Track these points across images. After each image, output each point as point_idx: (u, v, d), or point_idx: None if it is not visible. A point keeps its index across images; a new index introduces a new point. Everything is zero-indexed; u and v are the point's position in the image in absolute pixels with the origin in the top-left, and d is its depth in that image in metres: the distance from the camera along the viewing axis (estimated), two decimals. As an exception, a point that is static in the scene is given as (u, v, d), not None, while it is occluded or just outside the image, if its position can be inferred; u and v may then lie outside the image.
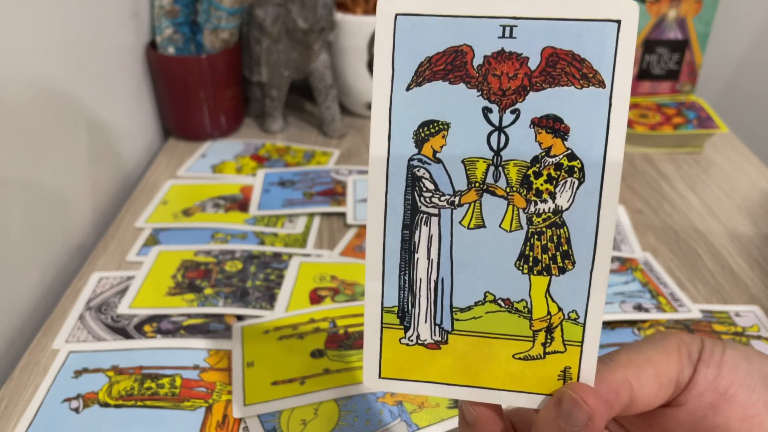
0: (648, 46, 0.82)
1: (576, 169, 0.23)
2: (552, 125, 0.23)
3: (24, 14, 0.52)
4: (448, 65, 0.23)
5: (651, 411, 0.25)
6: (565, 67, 0.23)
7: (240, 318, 0.50)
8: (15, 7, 0.50)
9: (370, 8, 0.78)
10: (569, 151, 0.23)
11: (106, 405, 0.42)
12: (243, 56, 0.79)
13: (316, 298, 0.52)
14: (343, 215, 0.63)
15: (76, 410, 0.42)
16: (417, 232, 0.25)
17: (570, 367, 0.25)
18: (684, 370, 0.25)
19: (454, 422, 0.41)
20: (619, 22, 0.22)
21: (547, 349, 0.25)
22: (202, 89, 0.75)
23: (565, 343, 0.25)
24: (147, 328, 0.49)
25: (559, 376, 0.25)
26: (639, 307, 0.50)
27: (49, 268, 0.56)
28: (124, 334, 0.49)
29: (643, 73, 0.84)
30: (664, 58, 0.82)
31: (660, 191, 0.68)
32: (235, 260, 0.56)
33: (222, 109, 0.78)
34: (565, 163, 0.23)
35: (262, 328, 0.49)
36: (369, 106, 0.82)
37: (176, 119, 0.78)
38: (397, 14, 0.23)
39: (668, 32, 0.81)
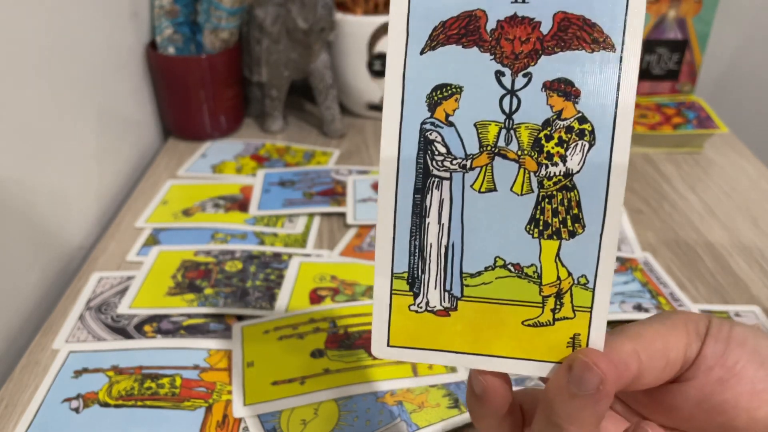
0: (648, 46, 0.82)
1: (587, 132, 0.23)
2: (563, 88, 0.23)
3: (24, 14, 0.52)
4: (461, 29, 0.24)
5: (658, 388, 0.25)
6: (577, 32, 0.23)
7: (240, 318, 0.50)
8: (15, 7, 0.50)
9: (370, 8, 0.78)
10: (580, 114, 0.23)
11: (106, 405, 0.42)
12: (243, 56, 0.79)
13: (316, 298, 0.52)
14: (343, 215, 0.63)
15: (76, 410, 0.42)
16: (428, 196, 0.25)
17: (579, 334, 0.24)
18: (692, 345, 0.24)
19: (454, 422, 0.41)
20: None
21: (557, 316, 0.25)
22: (202, 89, 0.75)
23: (575, 309, 0.24)
24: (147, 328, 0.49)
25: (568, 343, 0.25)
26: (639, 307, 0.50)
27: (49, 268, 0.56)
28: (124, 334, 0.49)
29: (643, 73, 0.83)
30: (664, 58, 0.82)
31: (660, 191, 0.68)
32: (235, 260, 0.56)
33: (222, 109, 0.78)
34: (576, 126, 0.23)
35: (262, 328, 0.49)
36: (369, 106, 0.82)
37: (176, 119, 0.78)
38: None
39: (668, 32, 0.81)
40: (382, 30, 0.75)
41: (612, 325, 0.49)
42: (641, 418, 0.27)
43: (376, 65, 0.78)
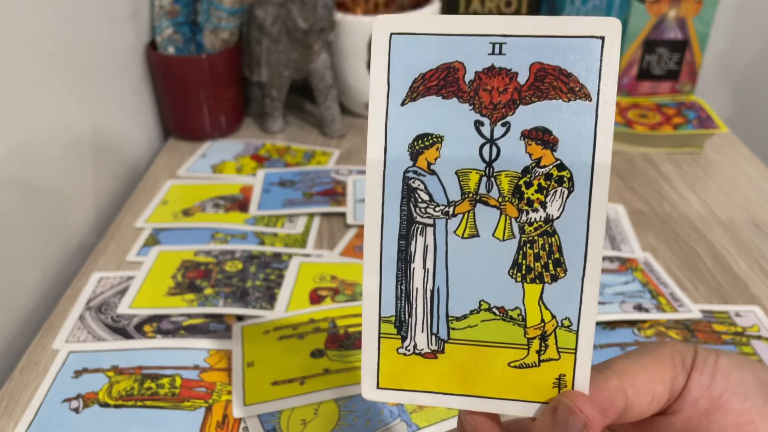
0: (648, 46, 0.82)
1: (565, 178, 0.24)
2: (541, 137, 0.24)
3: (24, 14, 0.52)
4: (441, 81, 0.24)
5: (645, 419, 0.25)
6: (553, 82, 0.24)
7: (240, 318, 0.50)
8: (15, 6, 0.50)
9: (370, 8, 0.78)
10: (558, 162, 0.24)
11: (106, 405, 0.42)
12: (243, 56, 0.79)
13: (316, 298, 0.52)
14: (343, 215, 0.63)
15: (76, 410, 0.42)
16: (413, 242, 0.25)
17: (564, 375, 0.25)
18: (678, 377, 0.25)
19: (454, 422, 0.41)
20: (603, 38, 0.23)
21: (542, 357, 0.25)
22: (202, 89, 0.75)
23: (559, 350, 0.25)
24: (147, 328, 0.49)
25: (554, 383, 0.25)
26: (639, 307, 0.50)
27: (49, 268, 0.56)
28: (124, 334, 0.49)
29: (643, 73, 0.83)
30: (664, 58, 0.82)
31: (660, 191, 0.68)
32: (235, 260, 0.56)
33: (222, 109, 0.78)
34: (555, 173, 0.24)
35: (262, 328, 0.49)
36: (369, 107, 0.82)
37: (176, 119, 0.78)
38: (392, 33, 0.24)
39: (668, 32, 0.81)
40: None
41: (613, 324, 0.49)
42: None
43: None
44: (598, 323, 0.47)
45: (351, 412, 0.42)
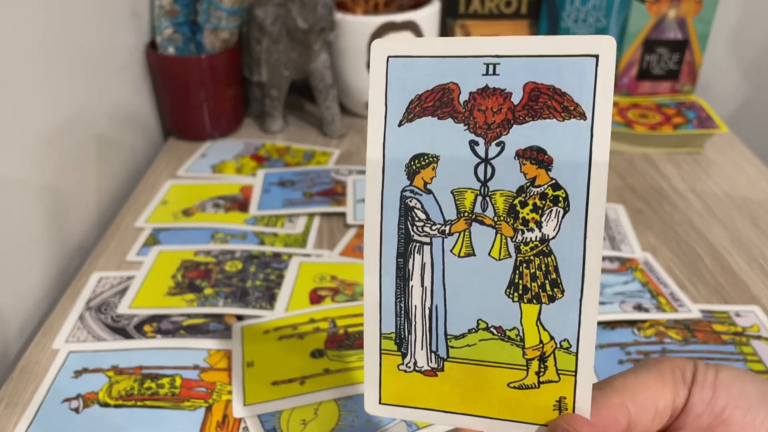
0: (648, 46, 0.82)
1: (561, 198, 0.24)
2: (536, 156, 0.24)
3: (24, 14, 0.52)
4: (436, 102, 0.25)
5: None
6: (547, 101, 0.24)
7: (240, 318, 0.50)
8: (15, 6, 0.50)
9: (370, 8, 0.78)
10: (553, 181, 0.24)
11: (106, 405, 0.42)
12: (243, 56, 0.79)
13: (316, 298, 0.52)
14: (343, 215, 0.63)
15: (76, 410, 0.42)
16: (411, 260, 0.26)
17: (565, 397, 0.25)
18: (679, 393, 0.25)
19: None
20: (597, 56, 0.23)
21: (541, 378, 0.25)
22: (202, 89, 0.75)
23: (559, 372, 0.25)
24: (147, 328, 0.49)
25: (554, 406, 0.25)
26: (639, 307, 0.50)
27: (49, 268, 0.56)
28: (124, 334, 0.49)
29: (643, 73, 0.84)
30: (664, 58, 0.82)
31: (660, 191, 0.68)
32: (235, 260, 0.56)
33: (222, 109, 0.78)
34: (550, 192, 0.24)
35: (262, 328, 0.49)
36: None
37: (176, 119, 0.78)
38: (389, 56, 0.25)
39: (668, 32, 0.81)
40: (382, 30, 0.75)
41: (613, 324, 0.49)
42: None
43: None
44: (597, 323, 0.47)
45: (351, 412, 0.42)
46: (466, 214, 0.25)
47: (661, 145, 0.76)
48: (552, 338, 0.25)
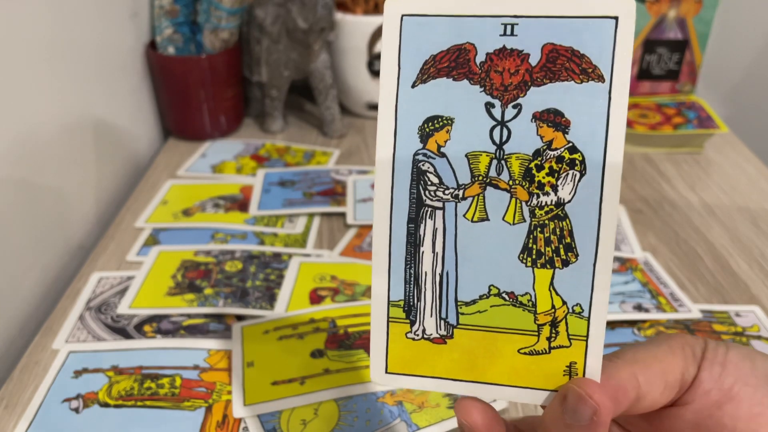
0: (648, 46, 0.82)
1: (577, 161, 0.23)
2: (553, 119, 0.23)
3: (24, 15, 0.52)
4: (451, 63, 0.24)
5: (656, 412, 0.25)
6: (565, 63, 0.23)
7: (240, 318, 0.50)
8: (15, 6, 0.50)
9: (370, 8, 0.78)
10: (570, 144, 0.23)
11: (106, 405, 0.42)
12: (243, 56, 0.79)
13: (316, 298, 0.52)
14: (343, 215, 0.63)
15: (76, 410, 0.42)
16: (422, 226, 0.25)
17: (575, 363, 0.25)
18: (689, 368, 0.24)
19: (454, 422, 0.41)
20: (616, 18, 0.23)
21: (552, 344, 0.25)
22: (202, 89, 0.75)
23: (570, 337, 0.25)
24: (147, 328, 0.49)
25: (564, 371, 0.25)
26: (639, 307, 0.50)
27: (49, 268, 0.56)
28: (124, 334, 0.49)
29: (643, 73, 0.83)
30: (664, 58, 0.82)
31: (660, 191, 0.68)
32: (235, 260, 0.56)
33: (222, 109, 0.78)
34: (567, 156, 0.24)
35: (262, 328, 0.49)
36: (369, 106, 0.82)
37: (176, 119, 0.78)
38: (403, 15, 0.24)
39: (668, 32, 0.81)
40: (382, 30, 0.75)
41: (613, 324, 0.49)
42: None
43: (376, 65, 0.78)
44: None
45: (351, 412, 0.42)
46: (480, 177, 0.24)
47: (661, 145, 0.76)
48: (564, 303, 0.24)
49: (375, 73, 0.78)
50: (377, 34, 0.75)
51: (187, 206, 0.65)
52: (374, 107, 0.82)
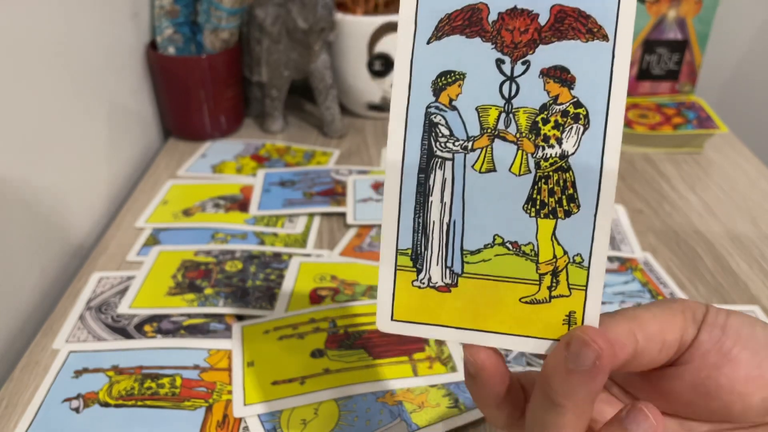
0: (648, 46, 0.82)
1: (581, 116, 0.25)
2: (559, 75, 0.25)
3: (24, 15, 0.52)
4: (465, 21, 0.25)
5: (654, 371, 0.26)
6: (572, 23, 0.25)
7: (240, 318, 0.50)
8: (15, 6, 0.50)
9: (370, 8, 0.78)
10: (575, 99, 0.25)
11: (106, 405, 0.43)
12: (243, 56, 0.79)
13: (316, 298, 0.52)
14: (343, 215, 0.63)
15: (77, 410, 0.42)
16: (432, 176, 0.26)
17: (575, 312, 0.25)
18: (689, 329, 0.25)
19: (454, 422, 0.41)
20: None
21: (553, 293, 0.26)
22: (202, 89, 0.75)
23: (570, 286, 0.25)
24: (147, 328, 0.49)
25: (564, 320, 0.26)
26: (639, 307, 0.50)
27: (49, 268, 0.56)
28: (125, 334, 0.49)
29: (643, 74, 0.84)
30: (664, 59, 0.82)
31: (660, 191, 0.68)
32: (235, 260, 0.56)
33: (222, 109, 0.78)
34: (571, 110, 0.25)
35: (262, 328, 0.49)
36: (369, 106, 0.82)
37: (176, 119, 0.78)
38: None
39: (668, 32, 0.81)
40: (382, 30, 0.75)
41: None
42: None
43: (376, 65, 0.78)
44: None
45: (351, 412, 0.42)
46: (489, 130, 0.26)
47: (661, 145, 0.76)
48: (565, 253, 0.25)
49: (375, 73, 0.78)
50: (377, 34, 0.76)
51: (188, 206, 0.65)
52: (374, 107, 0.82)
